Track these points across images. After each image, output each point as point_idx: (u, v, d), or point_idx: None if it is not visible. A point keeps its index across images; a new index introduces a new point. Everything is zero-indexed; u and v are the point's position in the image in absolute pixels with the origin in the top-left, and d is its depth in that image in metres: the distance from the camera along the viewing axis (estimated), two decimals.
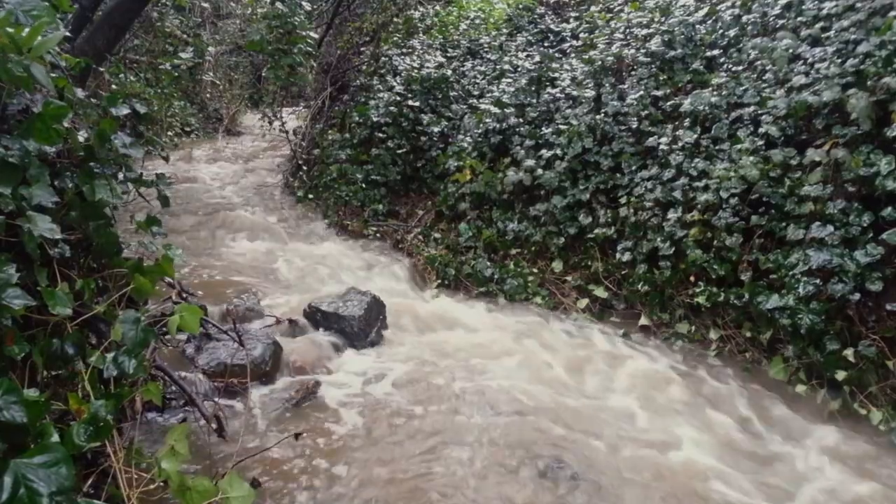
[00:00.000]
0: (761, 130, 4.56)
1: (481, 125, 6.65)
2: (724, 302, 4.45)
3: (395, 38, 9.21)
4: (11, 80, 1.93)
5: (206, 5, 11.70)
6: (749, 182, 4.41)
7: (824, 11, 4.80)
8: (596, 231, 5.40)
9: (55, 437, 1.72)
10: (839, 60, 4.34)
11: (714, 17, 5.97)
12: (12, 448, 1.61)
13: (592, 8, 8.14)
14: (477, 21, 9.33)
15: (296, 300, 4.98)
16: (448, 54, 8.70)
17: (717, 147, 4.81)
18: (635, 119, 5.51)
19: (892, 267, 3.72)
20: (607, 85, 6.02)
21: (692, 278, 4.69)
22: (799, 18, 5.05)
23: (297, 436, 3.07)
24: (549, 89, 6.57)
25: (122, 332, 2.15)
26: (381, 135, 7.57)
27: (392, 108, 7.61)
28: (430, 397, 3.70)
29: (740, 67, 5.24)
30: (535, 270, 5.67)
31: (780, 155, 4.35)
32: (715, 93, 5.06)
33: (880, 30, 4.17)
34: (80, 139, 2.41)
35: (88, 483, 2.28)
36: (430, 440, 3.29)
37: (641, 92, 5.64)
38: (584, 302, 5.29)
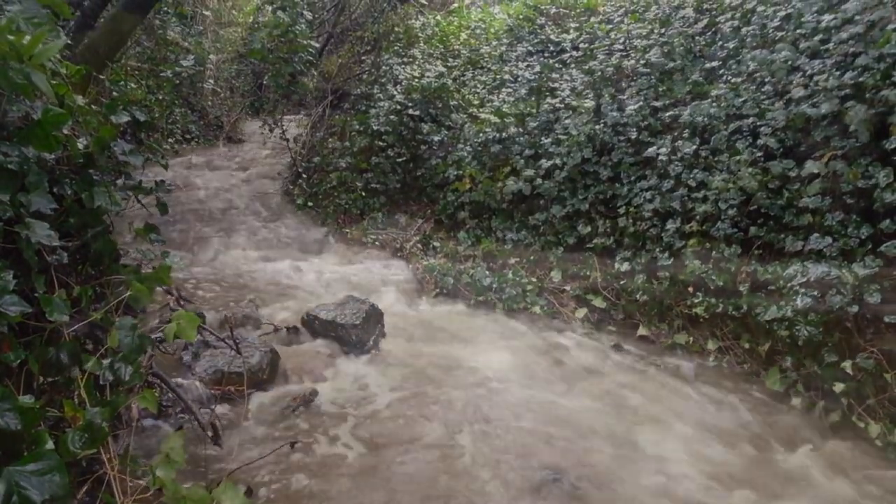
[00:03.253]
0: (760, 142, 4.58)
1: (481, 134, 6.67)
2: (722, 313, 4.45)
3: (395, 48, 9.25)
4: (12, 87, 1.94)
5: (207, 13, 11.76)
6: (748, 193, 4.42)
7: (823, 24, 4.82)
8: (595, 241, 5.41)
9: (50, 445, 1.71)
10: (838, 73, 4.36)
11: (713, 29, 6.00)
12: (6, 455, 1.61)
13: (592, 19, 8.19)
14: (477, 31, 9.37)
15: (294, 308, 4.97)
16: (448, 64, 8.73)
17: (715, 158, 4.83)
18: (634, 129, 5.53)
19: (891, 279, 3.72)
20: (607, 95, 6.05)
21: (691, 289, 4.69)
22: (798, 31, 5.07)
23: (292, 444, 3.07)
24: (548, 99, 6.60)
25: (119, 339, 2.15)
26: (381, 143, 7.58)
27: (392, 116, 7.63)
28: (427, 406, 3.69)
29: (739, 79, 5.25)
30: (534, 279, 5.67)
31: (779, 166, 4.37)
32: (714, 104, 5.07)
33: (878, 43, 4.19)
34: (80, 146, 2.42)
35: (83, 490, 2.27)
36: (425, 450, 3.27)
37: (641, 102, 5.66)
38: (582, 311, 5.28)
